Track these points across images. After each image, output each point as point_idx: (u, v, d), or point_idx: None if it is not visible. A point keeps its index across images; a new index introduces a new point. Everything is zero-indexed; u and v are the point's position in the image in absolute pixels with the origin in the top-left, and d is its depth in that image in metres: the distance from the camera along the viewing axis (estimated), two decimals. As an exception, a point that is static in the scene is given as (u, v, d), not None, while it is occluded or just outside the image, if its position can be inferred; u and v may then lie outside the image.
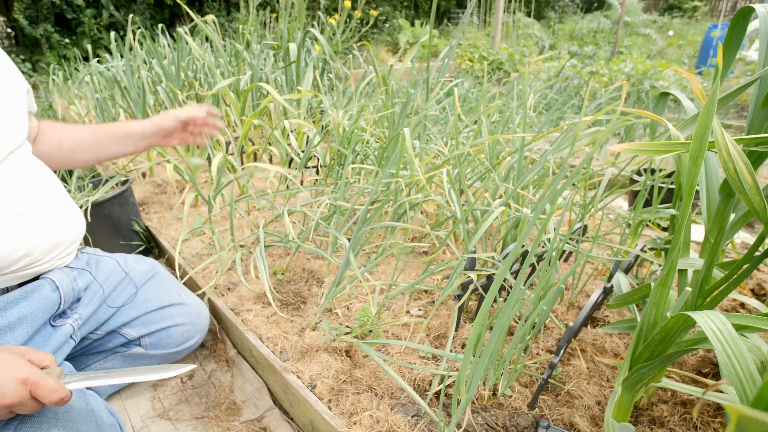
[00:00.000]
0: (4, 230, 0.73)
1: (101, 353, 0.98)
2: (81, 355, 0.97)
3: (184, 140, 1.12)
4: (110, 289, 0.97)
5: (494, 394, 0.84)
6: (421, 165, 1.21)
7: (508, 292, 1.01)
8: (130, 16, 2.24)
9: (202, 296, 1.16)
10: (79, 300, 0.90)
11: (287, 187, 1.25)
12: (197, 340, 1.06)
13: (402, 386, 0.73)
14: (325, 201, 1.26)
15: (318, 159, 1.60)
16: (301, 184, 1.65)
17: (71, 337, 0.86)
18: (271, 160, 2.05)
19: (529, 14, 9.49)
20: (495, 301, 0.97)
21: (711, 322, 0.48)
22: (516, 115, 1.51)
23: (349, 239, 1.21)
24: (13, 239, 0.74)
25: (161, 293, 1.03)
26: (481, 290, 0.94)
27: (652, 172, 1.58)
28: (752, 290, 1.20)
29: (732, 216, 0.78)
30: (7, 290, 0.78)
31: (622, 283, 0.92)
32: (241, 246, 1.39)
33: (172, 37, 2.55)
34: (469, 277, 0.91)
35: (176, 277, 1.16)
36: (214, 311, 1.18)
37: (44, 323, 0.82)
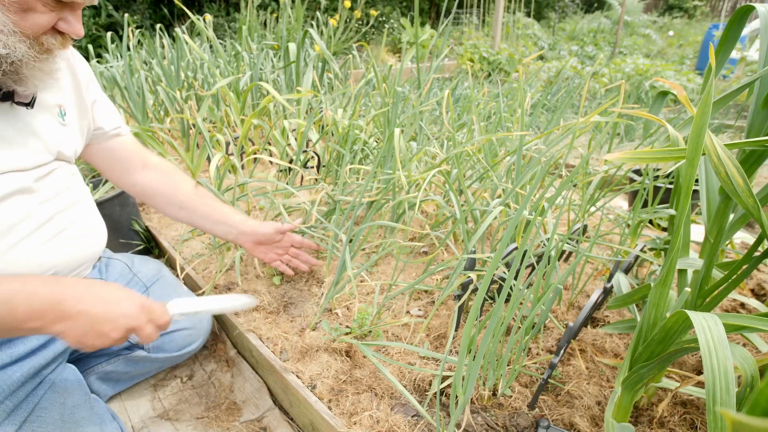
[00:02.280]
0: (39, 252, 0.75)
1: (104, 356, 0.98)
2: (84, 357, 0.98)
3: (272, 260, 1.10)
4: None
5: (494, 394, 0.84)
6: (416, 162, 1.21)
7: (509, 293, 1.01)
8: (126, 15, 2.24)
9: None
10: None
11: (287, 184, 1.25)
12: (199, 344, 1.07)
13: (399, 390, 0.73)
14: (322, 194, 1.26)
15: (317, 158, 1.60)
16: (301, 184, 1.65)
17: None
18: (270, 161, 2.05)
19: (529, 14, 9.47)
20: (494, 300, 0.97)
21: (705, 322, 0.48)
22: (512, 115, 1.51)
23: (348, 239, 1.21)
24: (45, 261, 0.76)
25: (166, 297, 1.03)
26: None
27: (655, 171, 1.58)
28: (752, 290, 1.20)
29: (731, 216, 0.78)
30: None
31: (622, 283, 0.92)
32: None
33: (171, 37, 2.55)
34: (468, 277, 0.91)
35: (176, 277, 1.16)
36: (213, 311, 1.18)
37: None
